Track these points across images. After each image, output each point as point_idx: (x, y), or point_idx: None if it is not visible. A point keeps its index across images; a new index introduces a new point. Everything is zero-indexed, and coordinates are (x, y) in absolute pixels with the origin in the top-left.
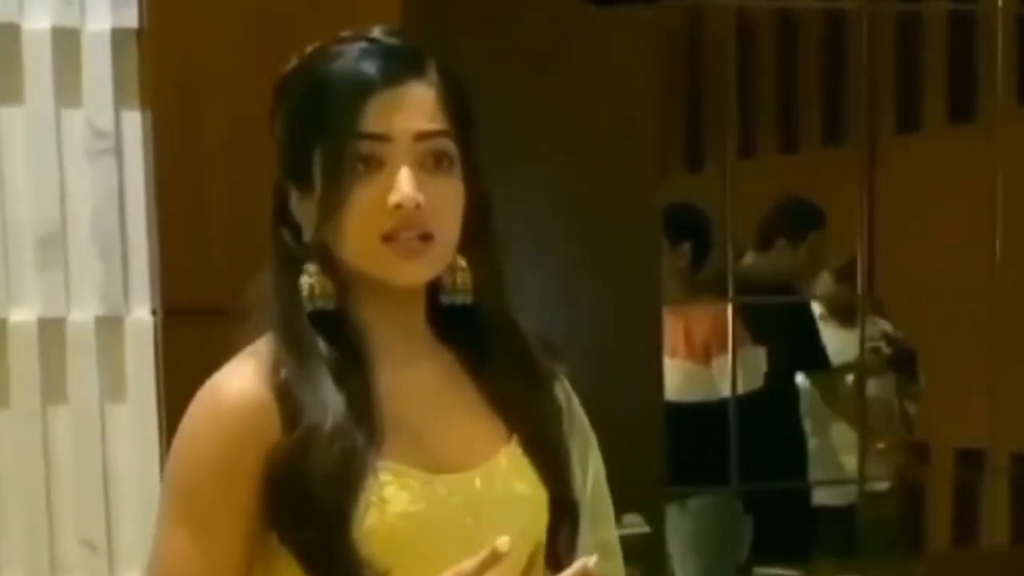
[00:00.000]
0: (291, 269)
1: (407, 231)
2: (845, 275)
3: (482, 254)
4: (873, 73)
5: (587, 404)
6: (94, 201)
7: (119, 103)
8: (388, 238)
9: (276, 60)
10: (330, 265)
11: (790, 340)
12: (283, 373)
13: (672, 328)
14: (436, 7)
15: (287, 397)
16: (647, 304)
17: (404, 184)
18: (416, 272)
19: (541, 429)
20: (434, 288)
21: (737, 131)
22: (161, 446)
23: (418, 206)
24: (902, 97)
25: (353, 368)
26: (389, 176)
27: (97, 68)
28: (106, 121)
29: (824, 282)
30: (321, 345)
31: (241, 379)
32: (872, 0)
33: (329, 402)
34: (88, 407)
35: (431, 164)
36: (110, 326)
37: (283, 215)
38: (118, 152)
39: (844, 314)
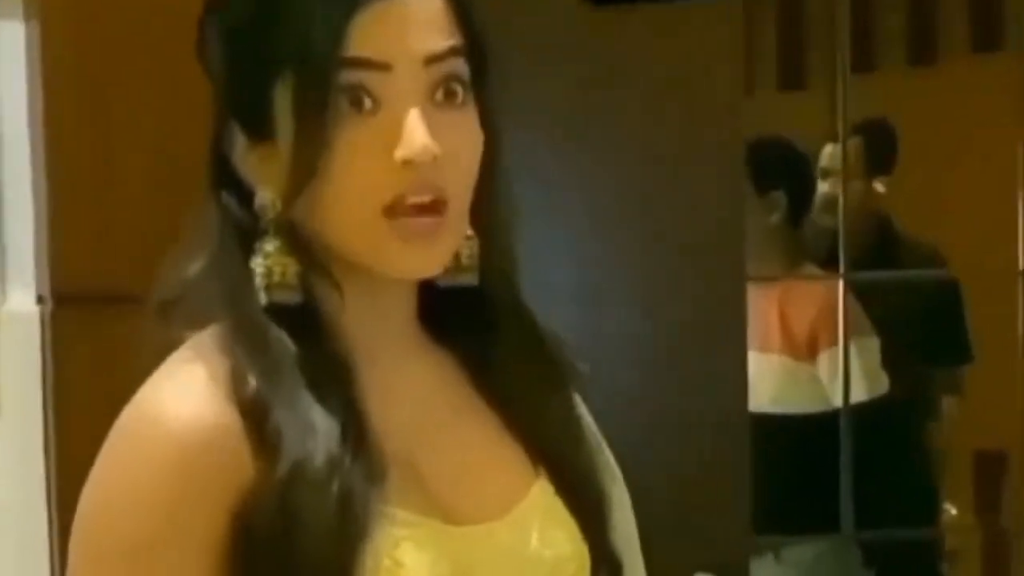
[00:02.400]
0: (239, 245)
1: (417, 195)
2: None
3: (489, 220)
4: None
5: (639, 420)
6: None
7: None
8: (391, 209)
9: None
10: (294, 245)
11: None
12: (251, 384)
13: (764, 311)
14: None
15: (260, 417)
16: (725, 277)
17: (416, 130)
18: (429, 261)
19: (572, 456)
20: None
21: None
22: (48, 473)
23: (434, 159)
24: None
25: (336, 380)
26: (389, 119)
27: None
28: None
29: None
30: (290, 347)
31: (193, 393)
32: None
33: (317, 425)
34: None
35: (441, 98)
36: None
37: (224, 171)
38: None
39: None
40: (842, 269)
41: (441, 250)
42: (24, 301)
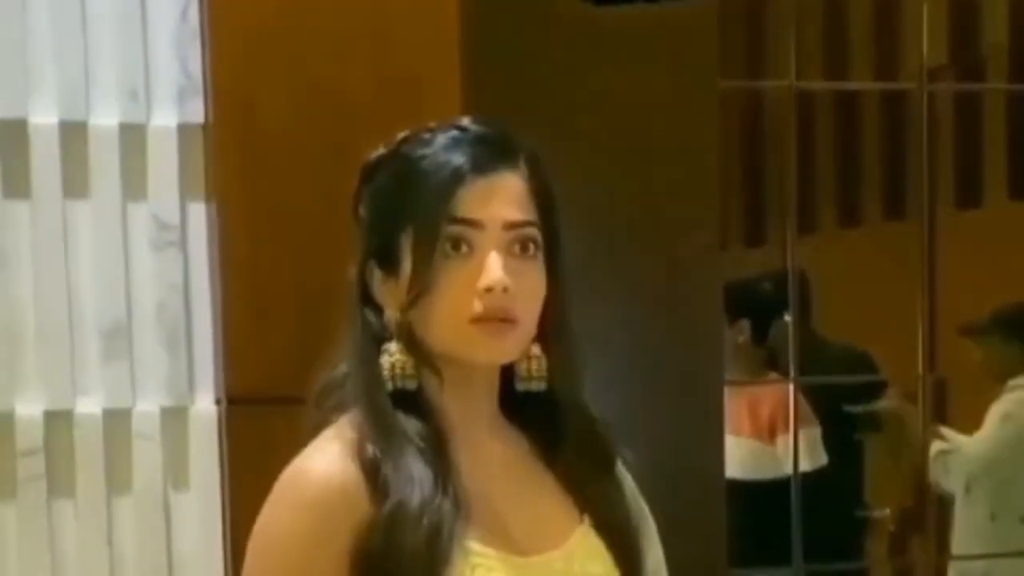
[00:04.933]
0: (373, 348)
1: (494, 314)
2: None
3: (557, 343)
4: (933, 148)
5: (643, 485)
6: (159, 293)
7: (184, 196)
8: (475, 320)
9: (340, 151)
10: (411, 345)
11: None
12: (369, 449)
13: (735, 405)
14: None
15: (375, 472)
16: (707, 382)
17: (494, 268)
18: (500, 352)
19: (612, 511)
20: (506, 374)
21: (797, 206)
22: (224, 535)
23: (505, 289)
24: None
25: (434, 446)
26: (478, 260)
27: (163, 163)
28: (172, 214)
29: None
30: (404, 422)
31: (328, 458)
32: (931, 80)
33: (416, 476)
34: (153, 496)
35: (517, 250)
36: (175, 416)
37: (365, 295)
38: (183, 244)
39: None
40: (792, 374)
41: (508, 347)
42: (206, 402)
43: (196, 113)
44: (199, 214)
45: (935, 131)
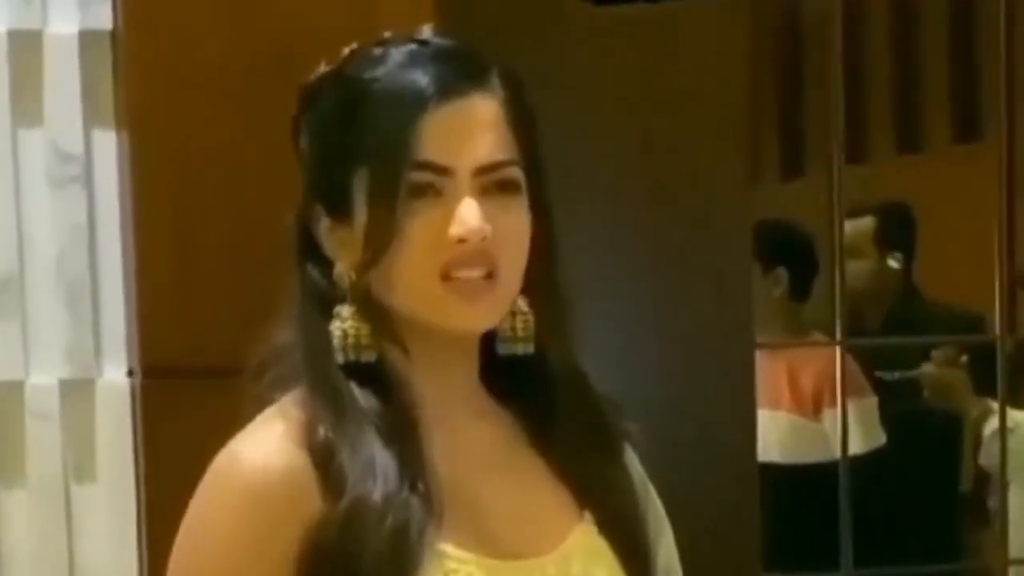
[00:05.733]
0: (320, 311)
1: (469, 269)
2: None
3: (546, 296)
4: (1011, 59)
5: (659, 471)
6: (59, 239)
7: (89, 120)
8: (447, 276)
9: (280, 69)
10: (367, 308)
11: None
12: (320, 432)
13: (772, 373)
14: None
15: (327, 460)
16: (736, 344)
17: (468, 215)
18: (478, 317)
19: (618, 504)
20: (487, 336)
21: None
22: (139, 535)
23: (484, 239)
24: None
25: (400, 429)
26: (448, 204)
27: (62, 78)
28: (73, 143)
29: None
30: (361, 400)
31: (269, 442)
32: None
33: (378, 466)
34: (50, 489)
35: (495, 190)
36: (78, 390)
37: (308, 245)
38: (88, 180)
39: None
40: (838, 336)
41: (488, 308)
42: (116, 374)
43: (102, 17)
44: (107, 143)
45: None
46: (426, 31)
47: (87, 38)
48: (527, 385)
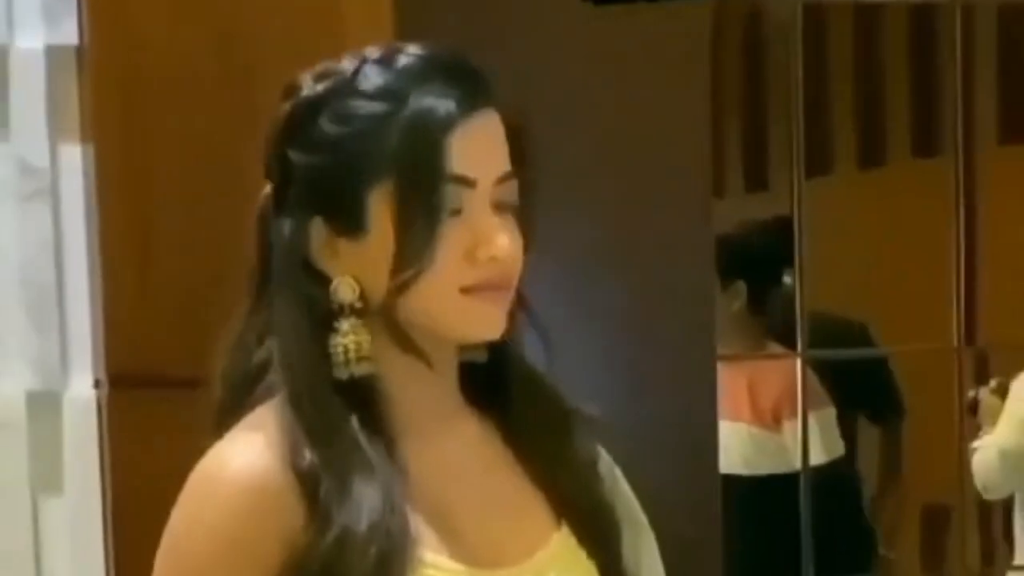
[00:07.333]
0: (312, 325)
1: (494, 287)
2: None
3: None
4: (968, 73)
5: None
6: (25, 252)
7: (55, 135)
8: (468, 289)
9: (245, 83)
10: (391, 324)
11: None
12: (306, 456)
13: (733, 385)
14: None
15: (312, 484)
16: (699, 356)
17: (500, 235)
18: (500, 325)
19: (593, 510)
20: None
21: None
22: (106, 548)
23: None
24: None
25: (383, 447)
26: (468, 220)
27: (28, 93)
28: (39, 156)
29: None
30: (346, 417)
31: (253, 449)
32: None
33: (363, 496)
34: (15, 501)
35: (501, 205)
36: (44, 401)
37: (300, 260)
38: (54, 193)
39: None
40: (799, 349)
41: (504, 316)
42: (83, 386)
43: (69, 33)
44: (73, 157)
45: (971, 51)
46: (414, 46)
47: (53, 53)
48: (496, 389)
